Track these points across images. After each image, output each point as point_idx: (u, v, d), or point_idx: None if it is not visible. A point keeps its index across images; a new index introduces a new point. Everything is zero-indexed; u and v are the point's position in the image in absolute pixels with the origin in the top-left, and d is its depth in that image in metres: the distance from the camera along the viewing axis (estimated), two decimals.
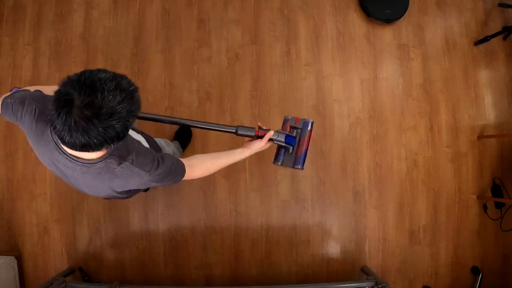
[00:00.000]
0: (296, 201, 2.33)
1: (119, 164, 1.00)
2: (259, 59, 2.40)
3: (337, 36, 2.44)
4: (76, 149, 0.83)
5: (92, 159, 0.97)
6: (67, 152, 0.96)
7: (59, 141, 0.88)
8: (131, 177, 1.05)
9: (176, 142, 2.21)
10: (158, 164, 1.08)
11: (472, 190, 2.39)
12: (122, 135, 0.82)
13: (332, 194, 2.34)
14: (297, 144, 1.43)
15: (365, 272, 2.20)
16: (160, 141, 1.69)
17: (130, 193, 1.32)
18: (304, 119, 1.44)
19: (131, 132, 1.20)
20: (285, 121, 1.48)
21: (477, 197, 2.39)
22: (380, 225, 2.35)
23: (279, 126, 2.36)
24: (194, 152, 2.31)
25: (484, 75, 2.47)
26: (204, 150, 2.32)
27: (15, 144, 2.32)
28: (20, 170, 2.31)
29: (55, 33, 2.35)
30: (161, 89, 2.35)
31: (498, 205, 2.37)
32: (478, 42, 2.44)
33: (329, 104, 2.38)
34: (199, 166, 1.25)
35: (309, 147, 1.42)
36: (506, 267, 2.37)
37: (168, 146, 1.80)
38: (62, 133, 0.78)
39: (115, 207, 2.30)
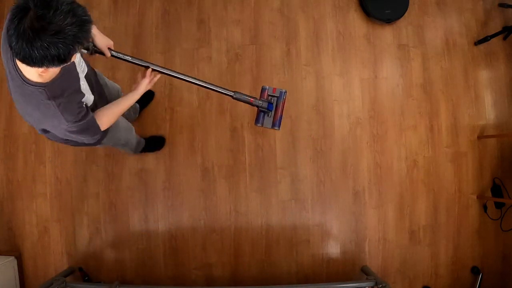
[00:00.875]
0: (296, 201, 2.33)
1: (48, 99, 1.03)
2: (259, 59, 2.40)
3: (337, 36, 2.44)
4: (19, 58, 0.86)
5: (28, 79, 1.00)
6: (15, 60, 1.00)
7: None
8: (50, 117, 1.10)
9: (143, 140, 2.18)
10: (80, 120, 1.13)
11: (472, 190, 2.39)
12: (63, 58, 0.86)
13: (332, 194, 2.34)
14: (274, 109, 1.72)
15: (365, 272, 2.20)
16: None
17: (51, 135, 1.38)
18: (280, 89, 1.73)
19: (83, 87, 1.23)
20: (263, 89, 1.75)
21: (477, 197, 2.39)
22: (380, 225, 2.35)
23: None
24: (192, 153, 2.31)
25: (484, 75, 2.47)
26: (204, 151, 2.32)
27: (15, 144, 2.32)
28: (20, 170, 2.31)
29: None
30: (161, 89, 2.35)
31: (498, 205, 2.37)
32: (478, 42, 2.44)
33: (329, 104, 2.38)
34: (103, 119, 1.33)
35: (283, 113, 1.72)
36: (506, 267, 2.37)
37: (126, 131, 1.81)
38: (12, 38, 0.82)
39: (115, 207, 2.30)
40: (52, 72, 1.00)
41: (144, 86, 1.41)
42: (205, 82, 1.60)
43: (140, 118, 2.32)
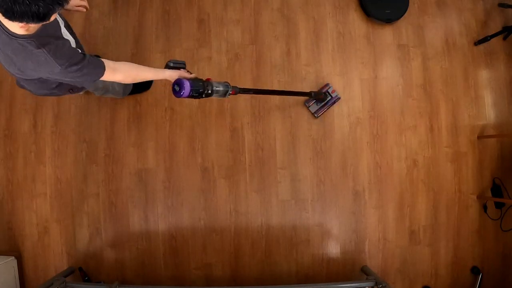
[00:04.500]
0: (296, 201, 2.33)
1: (37, 48, 1.09)
2: (259, 59, 2.40)
3: (337, 36, 2.44)
4: (1, 11, 0.90)
5: (15, 33, 1.05)
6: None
7: None
8: (43, 64, 1.14)
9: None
10: (75, 63, 1.18)
11: (472, 190, 2.39)
12: (42, 16, 0.92)
13: (332, 194, 2.34)
14: (325, 104, 2.31)
15: (365, 272, 2.20)
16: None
17: (43, 84, 1.41)
18: (337, 93, 2.29)
19: (64, 32, 1.30)
20: (327, 85, 2.29)
21: (477, 197, 2.39)
22: (380, 225, 2.35)
23: (279, 126, 2.37)
24: (192, 153, 2.31)
25: (484, 75, 2.47)
26: (204, 151, 2.32)
27: (15, 144, 2.32)
28: (20, 170, 2.31)
29: None
30: (161, 89, 2.35)
31: (498, 205, 2.37)
32: (478, 42, 2.44)
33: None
34: (123, 72, 1.37)
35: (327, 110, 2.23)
36: (506, 267, 2.37)
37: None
38: None
39: (115, 207, 2.30)
40: (33, 27, 1.04)
41: (170, 74, 1.45)
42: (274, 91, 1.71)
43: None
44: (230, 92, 1.40)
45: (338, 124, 2.37)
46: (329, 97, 2.29)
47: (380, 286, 1.85)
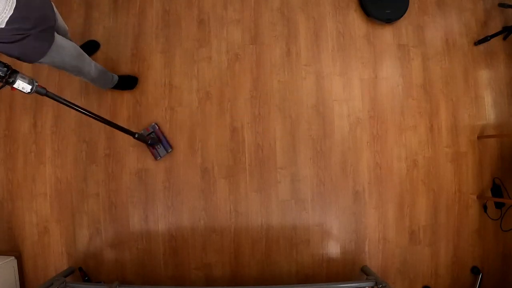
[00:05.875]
0: (296, 201, 2.33)
1: None
2: (259, 59, 2.40)
3: (337, 36, 2.44)
4: None
5: None
6: None
7: None
8: None
9: (116, 77, 2.24)
10: None
11: (472, 190, 2.39)
12: None
13: (332, 194, 2.34)
14: (157, 140, 2.25)
15: (365, 272, 2.20)
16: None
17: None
18: (151, 124, 2.27)
19: None
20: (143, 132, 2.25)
21: (477, 197, 2.39)
22: (380, 225, 2.35)
23: (279, 125, 2.37)
24: (192, 153, 2.31)
25: (484, 75, 2.47)
26: (204, 151, 2.32)
27: (15, 144, 2.32)
28: (20, 170, 2.31)
29: None
30: (161, 89, 2.35)
31: (498, 205, 2.37)
32: (478, 42, 2.44)
33: (329, 104, 2.38)
34: None
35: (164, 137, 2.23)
36: (506, 267, 2.37)
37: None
38: None
39: (115, 207, 2.30)
40: None
41: None
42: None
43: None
44: (35, 90, 1.42)
45: (338, 124, 2.37)
46: (153, 133, 2.27)
47: (380, 286, 1.85)
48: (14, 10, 1.24)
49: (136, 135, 1.95)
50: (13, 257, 2.20)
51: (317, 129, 2.36)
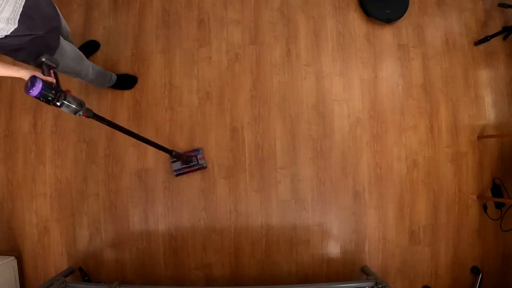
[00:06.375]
0: (296, 201, 2.33)
1: None
2: (259, 59, 2.40)
3: (337, 36, 2.44)
4: None
5: None
6: None
7: None
8: None
9: (114, 76, 2.24)
10: None
11: (472, 190, 2.39)
12: None
13: (332, 194, 2.34)
14: (188, 165, 2.26)
15: (365, 272, 2.20)
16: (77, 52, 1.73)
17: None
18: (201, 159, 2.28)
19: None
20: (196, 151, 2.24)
21: (477, 197, 2.39)
22: (380, 225, 2.35)
23: (279, 125, 2.37)
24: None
25: (484, 75, 2.47)
26: (204, 151, 2.32)
27: (15, 144, 2.32)
28: (20, 170, 2.31)
29: None
30: (161, 89, 2.35)
31: (498, 205, 2.37)
32: (478, 42, 2.44)
33: (329, 104, 2.38)
34: None
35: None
36: (506, 267, 2.37)
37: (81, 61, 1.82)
38: None
39: (115, 207, 2.30)
40: None
41: (25, 73, 1.33)
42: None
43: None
44: (82, 114, 1.39)
45: (338, 124, 2.37)
46: (195, 162, 2.26)
47: (380, 286, 1.85)
48: (18, 23, 1.24)
49: (174, 153, 1.96)
50: (13, 257, 2.20)
51: (317, 129, 2.36)
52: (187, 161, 2.24)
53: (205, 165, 2.28)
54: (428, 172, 2.38)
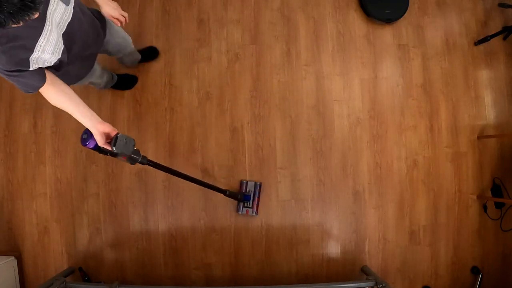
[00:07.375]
0: (296, 201, 2.33)
1: None
2: (259, 59, 2.40)
3: (337, 36, 2.44)
4: None
5: None
6: None
7: None
8: None
9: (115, 76, 2.25)
10: (9, 73, 1.14)
11: (472, 190, 2.39)
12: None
13: (332, 194, 2.34)
14: (251, 200, 2.25)
15: (365, 272, 2.20)
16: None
17: None
18: (255, 182, 2.28)
19: (45, 46, 1.17)
20: (242, 183, 2.25)
21: (477, 197, 2.39)
22: (380, 225, 2.35)
23: (279, 125, 2.37)
24: (192, 153, 2.31)
25: (484, 75, 2.47)
26: (204, 151, 2.32)
27: (15, 144, 2.32)
28: (20, 170, 2.31)
29: None
30: (161, 89, 2.35)
31: (498, 205, 2.37)
32: (478, 42, 2.44)
33: (329, 104, 2.38)
34: (53, 99, 1.29)
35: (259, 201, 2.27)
36: (506, 267, 2.37)
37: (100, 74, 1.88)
38: None
39: (115, 207, 2.30)
40: None
41: (94, 132, 1.32)
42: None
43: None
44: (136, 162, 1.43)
45: (338, 124, 2.37)
46: (251, 191, 2.25)
47: (380, 286, 1.85)
48: (62, 55, 1.22)
49: (227, 193, 1.97)
50: (13, 257, 2.20)
51: (317, 129, 2.36)
52: (243, 199, 2.23)
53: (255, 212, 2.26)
54: (428, 172, 2.38)
